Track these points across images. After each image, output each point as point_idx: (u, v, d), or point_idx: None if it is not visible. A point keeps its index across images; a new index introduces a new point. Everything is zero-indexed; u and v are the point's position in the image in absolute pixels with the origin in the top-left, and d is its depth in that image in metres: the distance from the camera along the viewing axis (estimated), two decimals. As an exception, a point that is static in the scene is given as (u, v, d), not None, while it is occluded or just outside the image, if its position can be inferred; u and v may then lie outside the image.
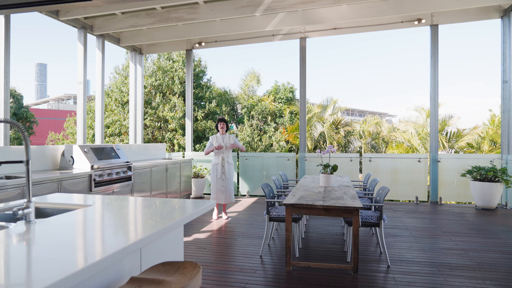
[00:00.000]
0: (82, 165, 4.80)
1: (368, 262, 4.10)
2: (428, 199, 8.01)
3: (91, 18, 7.46)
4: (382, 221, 4.04)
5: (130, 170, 5.57)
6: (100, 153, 5.17)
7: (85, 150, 4.87)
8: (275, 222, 4.96)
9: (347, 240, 4.56)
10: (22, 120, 19.60)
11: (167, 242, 2.12)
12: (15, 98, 20.31)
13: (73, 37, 7.66)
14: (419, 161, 7.95)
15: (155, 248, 2.00)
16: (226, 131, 6.25)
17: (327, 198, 4.02)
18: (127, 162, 5.54)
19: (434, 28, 7.83)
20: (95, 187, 4.73)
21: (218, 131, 6.25)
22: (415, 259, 4.19)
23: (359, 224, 3.67)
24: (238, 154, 9.17)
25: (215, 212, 6.24)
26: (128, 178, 5.52)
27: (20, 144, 17.03)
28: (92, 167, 4.75)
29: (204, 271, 3.82)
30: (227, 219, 6.21)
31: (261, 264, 4.07)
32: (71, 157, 4.86)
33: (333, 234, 5.28)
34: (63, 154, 4.96)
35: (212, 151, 6.17)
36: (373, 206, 4.46)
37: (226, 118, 14.29)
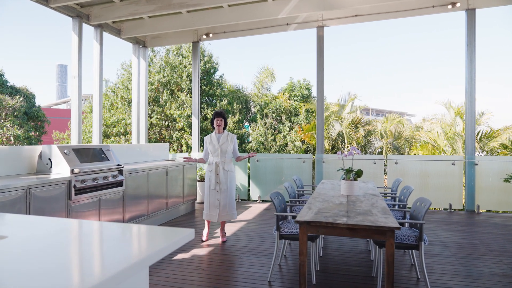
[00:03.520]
0: (61, 168, 4.11)
1: (404, 294, 3.26)
2: (463, 207, 7.05)
3: (87, 6, 6.82)
4: (423, 242, 3.19)
5: (122, 174, 4.86)
6: (85, 155, 4.48)
7: (65, 151, 4.18)
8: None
9: (375, 262, 3.72)
10: (34, 119, 19.37)
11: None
12: (27, 97, 20.13)
13: (91, 36, 7.09)
14: (453, 164, 6.99)
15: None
16: (224, 128, 4.96)
17: (352, 212, 3.21)
18: (118, 165, 4.84)
19: (471, 13, 6.86)
20: (75, 194, 4.03)
21: (213, 128, 4.97)
22: (464, 290, 3.32)
23: (394, 247, 2.85)
24: (248, 155, 8.40)
25: (205, 231, 4.95)
26: (119, 184, 4.82)
27: (30, 144, 16.71)
28: (72, 171, 4.05)
29: (197, 303, 3.07)
30: (223, 241, 4.86)
31: (269, 294, 3.28)
32: (49, 159, 4.18)
33: (357, 252, 4.45)
34: (40, 156, 4.29)
35: (202, 162, 5.01)
36: (408, 223, 3.60)
37: (237, 116, 13.51)
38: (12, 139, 16.08)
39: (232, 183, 4.88)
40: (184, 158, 4.94)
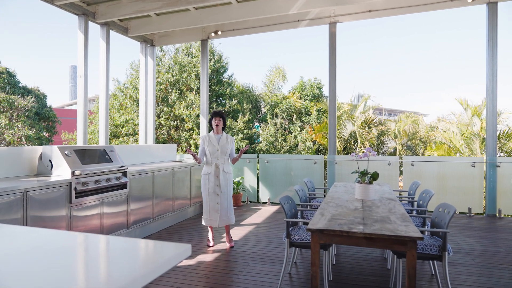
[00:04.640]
0: (61, 170, 3.95)
1: (425, 308, 2.99)
2: (483, 211, 6.71)
3: (93, 4, 6.68)
4: (446, 253, 2.92)
5: (126, 176, 4.68)
6: (87, 156, 4.31)
7: (66, 152, 4.02)
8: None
9: (393, 272, 3.46)
10: (45, 119, 19.45)
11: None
12: (38, 97, 20.25)
13: (97, 34, 7.10)
14: (473, 166, 6.65)
15: None
16: (223, 129, 4.75)
17: (368, 219, 2.95)
18: (122, 166, 4.66)
19: (492, 7, 6.51)
20: (76, 197, 3.86)
21: (212, 128, 4.73)
22: (492, 305, 3.04)
23: (416, 258, 2.59)
24: (258, 156, 8.18)
25: (210, 235, 4.79)
26: (123, 186, 4.64)
27: (41, 144, 16.78)
28: (73, 173, 3.88)
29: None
30: (231, 247, 4.67)
31: (278, 306, 3.05)
32: (49, 161, 4.02)
33: (372, 260, 4.18)
34: (40, 158, 4.14)
35: (198, 161, 4.59)
36: (428, 231, 3.32)
37: (247, 116, 13.28)
38: (23, 139, 16.17)
39: (231, 186, 4.74)
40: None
